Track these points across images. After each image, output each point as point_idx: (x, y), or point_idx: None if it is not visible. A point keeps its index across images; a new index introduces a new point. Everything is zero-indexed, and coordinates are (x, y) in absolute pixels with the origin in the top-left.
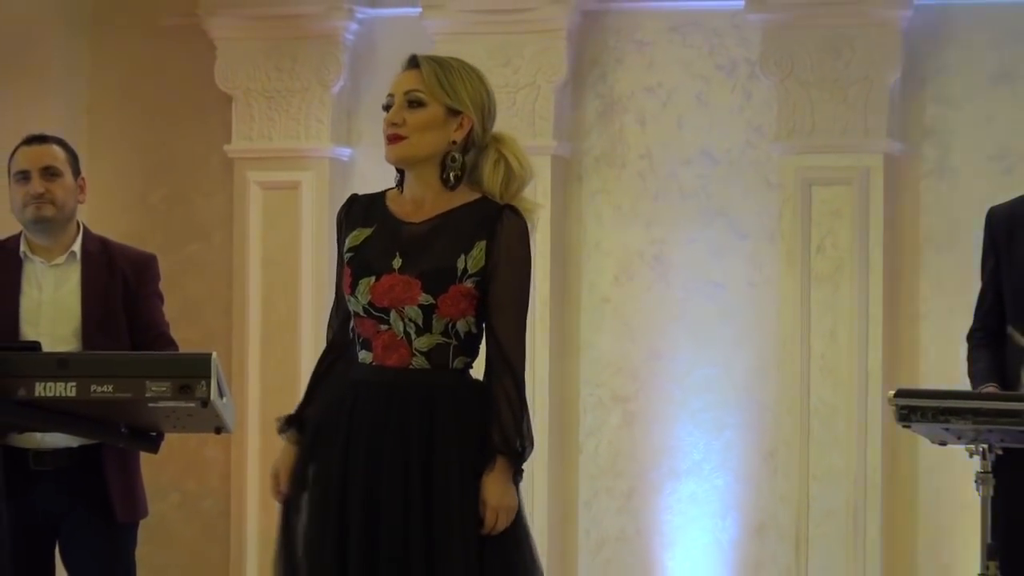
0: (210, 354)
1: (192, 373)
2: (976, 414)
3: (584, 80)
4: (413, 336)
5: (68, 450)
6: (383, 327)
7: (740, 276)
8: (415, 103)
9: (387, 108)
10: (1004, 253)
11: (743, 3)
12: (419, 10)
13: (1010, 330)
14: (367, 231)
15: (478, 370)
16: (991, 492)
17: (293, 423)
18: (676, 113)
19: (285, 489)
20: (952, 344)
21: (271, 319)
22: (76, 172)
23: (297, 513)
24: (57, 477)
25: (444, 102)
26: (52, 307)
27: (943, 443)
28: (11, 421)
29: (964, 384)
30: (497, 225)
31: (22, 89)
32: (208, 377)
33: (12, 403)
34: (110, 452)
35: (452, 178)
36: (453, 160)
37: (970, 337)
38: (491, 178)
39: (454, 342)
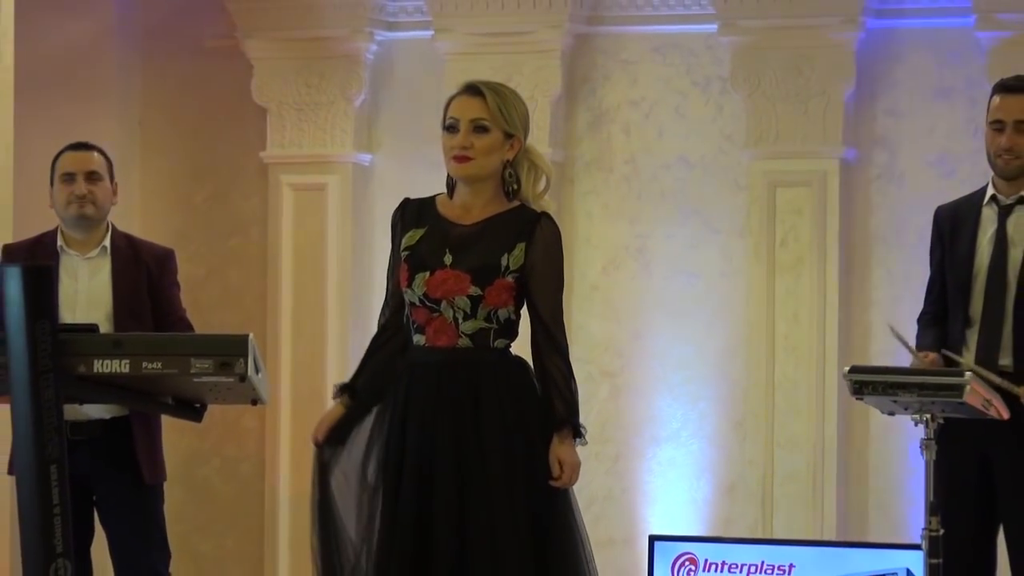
0: (247, 335)
1: (231, 351)
2: (920, 388)
3: (576, 94)
4: (460, 321)
5: (101, 421)
6: (435, 314)
7: (713, 267)
8: (481, 129)
9: (450, 128)
10: (948, 247)
11: (716, 27)
12: (431, 33)
13: (890, 327)
14: (420, 231)
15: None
16: (934, 456)
17: (346, 390)
18: (657, 124)
19: (321, 437)
20: (899, 327)
21: (301, 304)
22: (112, 177)
23: (328, 469)
24: (91, 445)
25: (503, 128)
26: (86, 295)
27: (891, 413)
28: (73, 394)
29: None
30: (536, 230)
31: (83, 103)
32: (245, 355)
33: (73, 378)
34: (137, 423)
35: (512, 191)
36: (511, 176)
37: (920, 318)
38: (527, 183)
39: (495, 326)
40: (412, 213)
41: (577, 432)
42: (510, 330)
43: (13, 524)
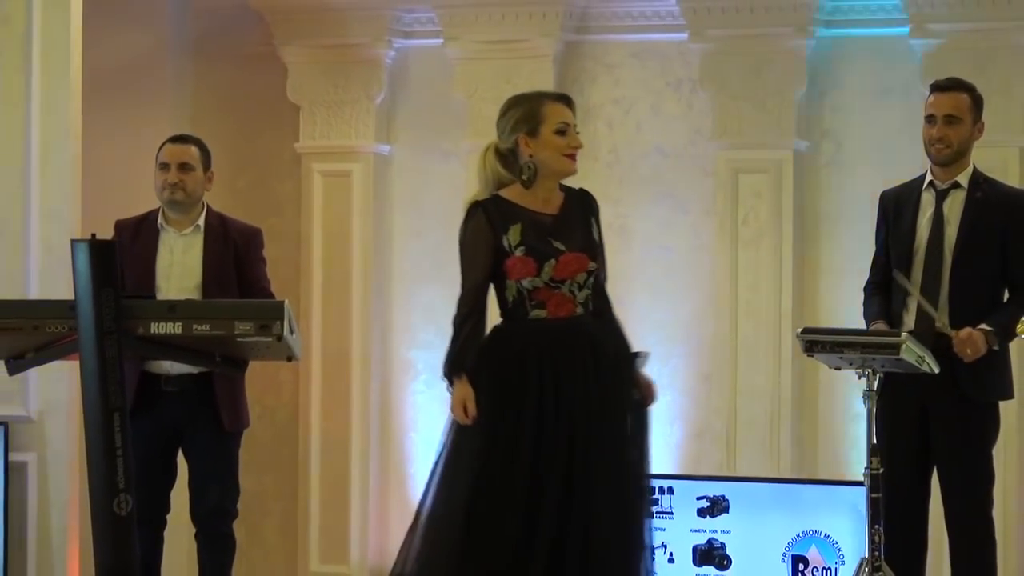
0: (283, 301)
1: (269, 315)
2: (863, 347)
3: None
4: (576, 293)
5: (189, 375)
6: (556, 291)
7: (684, 242)
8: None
9: (562, 132)
10: (892, 225)
11: (686, 36)
12: (441, 41)
13: (895, 272)
14: (518, 226)
15: None
16: (875, 405)
17: (460, 372)
18: (636, 119)
19: (474, 413)
20: (844, 293)
21: (329, 274)
22: (206, 167)
23: (470, 435)
24: (180, 396)
25: None
26: (180, 267)
27: (838, 368)
28: (133, 352)
29: (856, 323)
30: (593, 202)
31: (142, 103)
32: (281, 318)
33: (133, 338)
34: (219, 378)
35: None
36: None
37: (866, 288)
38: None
39: (591, 292)
40: (495, 213)
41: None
42: (596, 293)
43: (82, 465)
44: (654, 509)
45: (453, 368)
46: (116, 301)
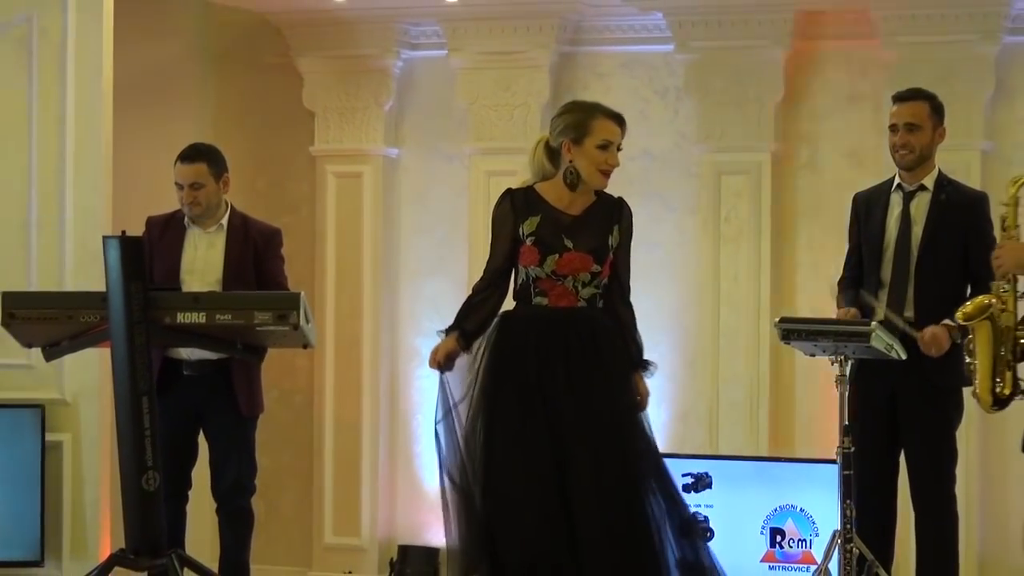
0: (299, 293)
1: (287, 306)
2: (836, 335)
3: (561, 101)
4: (580, 289)
5: (209, 361)
6: (558, 283)
7: (670, 238)
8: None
9: (604, 147)
10: (863, 224)
11: (672, 47)
12: (446, 52)
13: (861, 292)
14: (536, 219)
15: None
16: (846, 390)
17: (455, 329)
18: (627, 121)
19: (442, 361)
20: (818, 286)
21: (341, 268)
22: (218, 177)
23: (448, 389)
24: (201, 380)
25: None
26: (204, 262)
27: (813, 355)
28: (160, 340)
29: (829, 313)
30: (623, 212)
31: (168, 109)
32: (298, 309)
33: (160, 327)
34: (236, 365)
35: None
36: (572, 174)
37: (840, 282)
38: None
39: (599, 291)
40: (521, 203)
41: (645, 368)
42: (606, 292)
43: (112, 445)
44: None
45: (452, 325)
46: (144, 293)
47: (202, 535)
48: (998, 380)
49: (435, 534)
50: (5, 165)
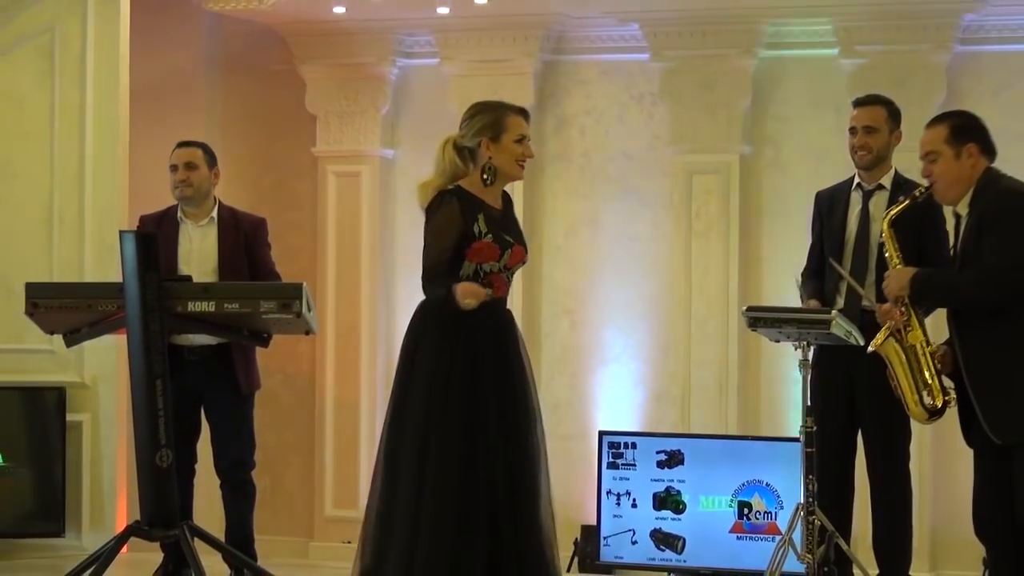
0: (301, 283)
1: (290, 296)
2: (799, 323)
3: (545, 105)
4: (511, 279)
5: (209, 346)
6: (502, 275)
7: (646, 233)
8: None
9: (520, 141)
10: (825, 221)
11: (648, 56)
12: (438, 60)
13: (830, 260)
14: (482, 216)
15: None
16: (809, 373)
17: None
18: (605, 127)
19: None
20: (782, 277)
21: (341, 261)
22: (211, 165)
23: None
24: (201, 364)
25: None
26: (199, 254)
27: (778, 341)
28: (173, 327)
29: (794, 302)
30: (511, 201)
31: (181, 113)
32: (300, 298)
33: (173, 315)
34: (235, 348)
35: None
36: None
37: (803, 274)
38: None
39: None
40: (466, 203)
41: None
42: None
43: (128, 424)
44: (619, 462)
45: (448, 289)
46: (158, 283)
47: (207, 508)
48: (924, 393)
49: None
50: (29, 165)
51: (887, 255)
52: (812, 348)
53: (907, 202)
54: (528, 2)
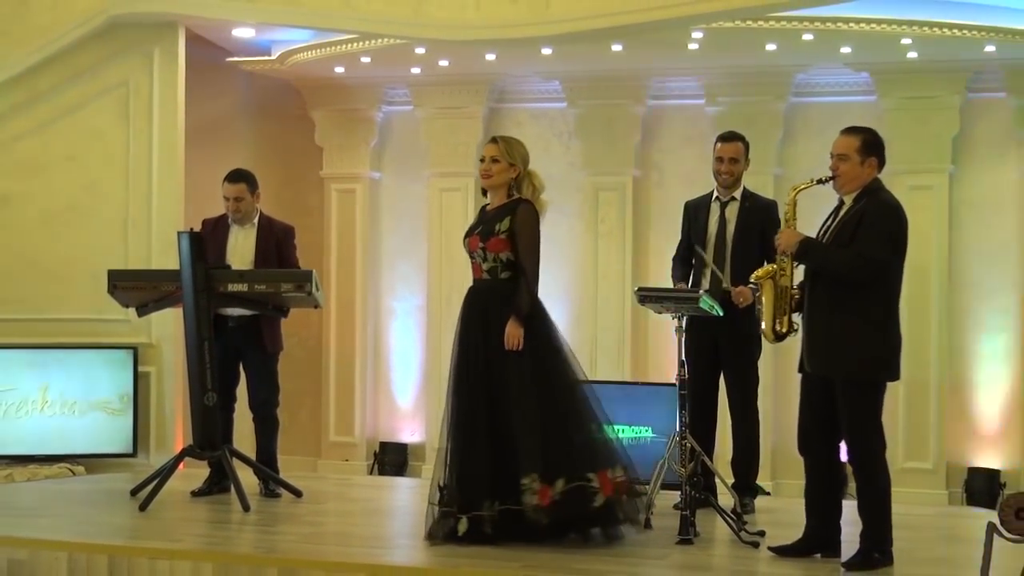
0: (311, 271)
1: (303, 280)
2: (676, 299)
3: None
4: (481, 263)
5: (244, 316)
6: (471, 260)
7: (564, 235)
8: (495, 160)
9: (482, 160)
10: (692, 224)
11: (565, 104)
12: (412, 107)
13: (696, 248)
14: (479, 213)
15: None
16: (683, 336)
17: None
18: (534, 157)
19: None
20: (665, 266)
21: (340, 254)
22: (253, 191)
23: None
24: (239, 329)
25: (508, 160)
26: (242, 249)
27: (660, 312)
28: (217, 302)
29: (670, 282)
30: (515, 209)
31: (223, 145)
32: (311, 281)
33: (216, 294)
34: (264, 319)
35: (515, 191)
36: (514, 184)
37: (674, 260)
38: (526, 190)
39: (499, 265)
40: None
41: (520, 316)
42: (511, 266)
43: (183, 374)
44: None
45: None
46: (205, 271)
47: (243, 436)
48: (778, 322)
49: (406, 435)
50: (111, 185)
51: (785, 216)
52: (685, 318)
53: (813, 183)
54: (478, 64)
